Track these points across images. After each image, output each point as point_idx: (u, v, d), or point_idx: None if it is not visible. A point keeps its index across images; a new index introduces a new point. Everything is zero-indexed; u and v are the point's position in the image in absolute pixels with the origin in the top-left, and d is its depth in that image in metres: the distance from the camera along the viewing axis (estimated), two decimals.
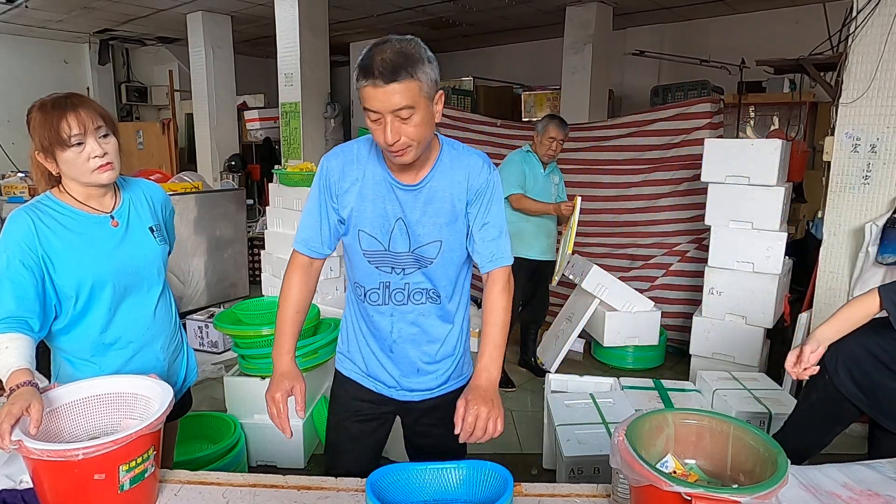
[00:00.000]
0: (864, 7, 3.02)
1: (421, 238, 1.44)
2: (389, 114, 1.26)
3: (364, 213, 1.44)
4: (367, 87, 1.25)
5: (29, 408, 1.16)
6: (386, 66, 1.22)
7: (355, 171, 1.44)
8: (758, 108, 6.27)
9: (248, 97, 8.82)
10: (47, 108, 1.44)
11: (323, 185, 1.46)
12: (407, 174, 1.42)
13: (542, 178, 3.66)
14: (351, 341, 1.63)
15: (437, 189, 1.43)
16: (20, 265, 1.40)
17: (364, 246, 1.47)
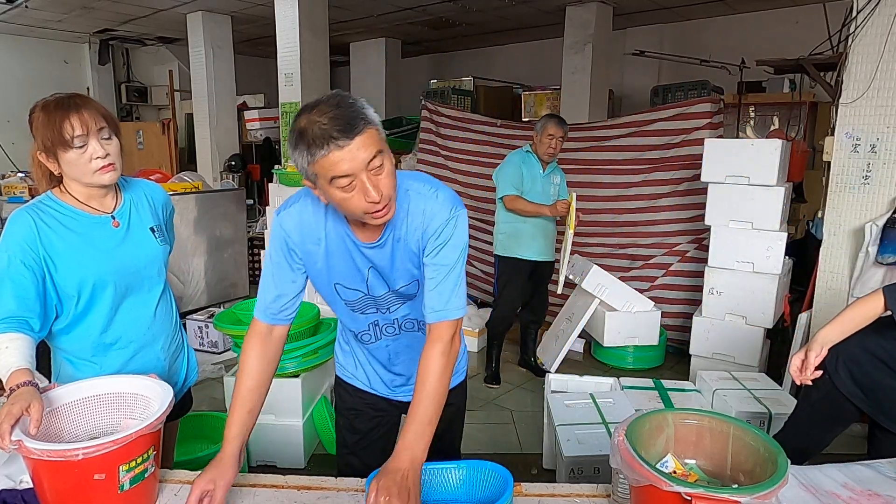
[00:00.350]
0: (864, 7, 3.02)
1: (397, 281, 1.39)
2: (363, 172, 1.15)
3: (336, 268, 1.37)
4: (330, 152, 1.12)
5: (29, 408, 1.16)
6: (340, 122, 1.12)
7: (315, 231, 1.34)
8: (758, 108, 6.27)
9: (248, 97, 8.82)
10: (50, 108, 1.44)
11: (282, 248, 1.36)
12: (366, 232, 1.32)
13: (542, 178, 3.66)
14: (348, 359, 1.63)
15: (399, 239, 1.33)
16: (21, 265, 1.41)
17: (345, 297, 1.43)
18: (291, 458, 2.87)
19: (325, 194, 1.21)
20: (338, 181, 1.15)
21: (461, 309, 1.34)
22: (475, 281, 5.47)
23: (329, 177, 1.15)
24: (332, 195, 1.19)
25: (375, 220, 1.23)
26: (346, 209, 1.22)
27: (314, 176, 1.18)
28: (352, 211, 1.21)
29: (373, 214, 1.21)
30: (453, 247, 1.32)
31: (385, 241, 1.33)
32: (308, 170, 1.18)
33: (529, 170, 3.63)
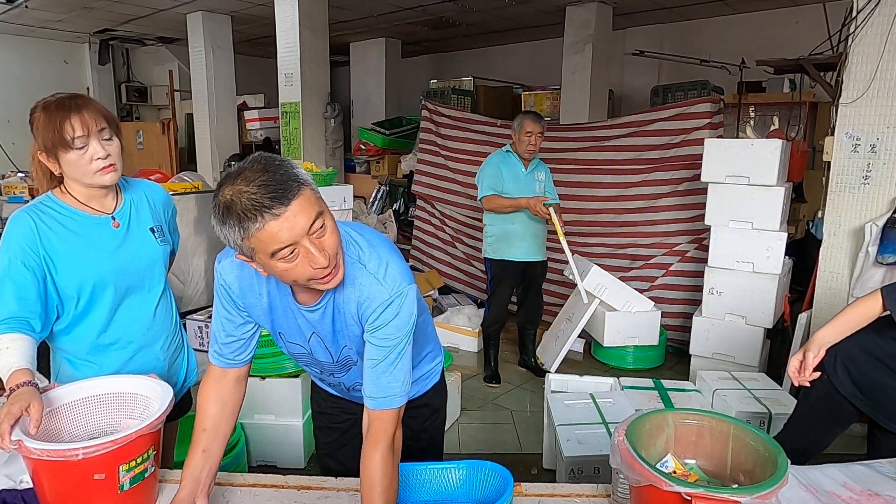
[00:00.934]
0: (864, 7, 3.02)
1: (339, 346, 1.33)
2: (305, 238, 1.06)
3: (278, 321, 1.32)
4: (266, 224, 1.01)
5: (29, 408, 1.16)
6: (271, 188, 1.01)
7: (255, 288, 1.28)
8: (758, 108, 6.27)
9: (248, 97, 8.82)
10: (51, 108, 1.44)
11: (225, 297, 1.31)
12: (305, 294, 1.24)
13: (524, 176, 3.64)
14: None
15: (340, 303, 1.25)
16: (21, 266, 1.41)
17: (288, 349, 1.38)
18: (291, 458, 2.87)
19: (265, 268, 1.11)
20: (279, 254, 1.05)
21: (403, 396, 1.24)
22: (475, 281, 5.47)
23: (269, 251, 1.04)
24: (273, 269, 1.09)
25: (323, 284, 1.14)
26: (291, 279, 1.11)
27: (251, 251, 1.07)
28: (296, 279, 1.11)
29: (320, 280, 1.12)
30: (396, 327, 1.21)
31: (324, 304, 1.24)
32: (243, 245, 1.06)
33: (510, 169, 3.61)
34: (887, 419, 1.81)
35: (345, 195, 4.45)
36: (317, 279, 1.11)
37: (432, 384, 1.63)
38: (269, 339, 2.74)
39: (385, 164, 7.22)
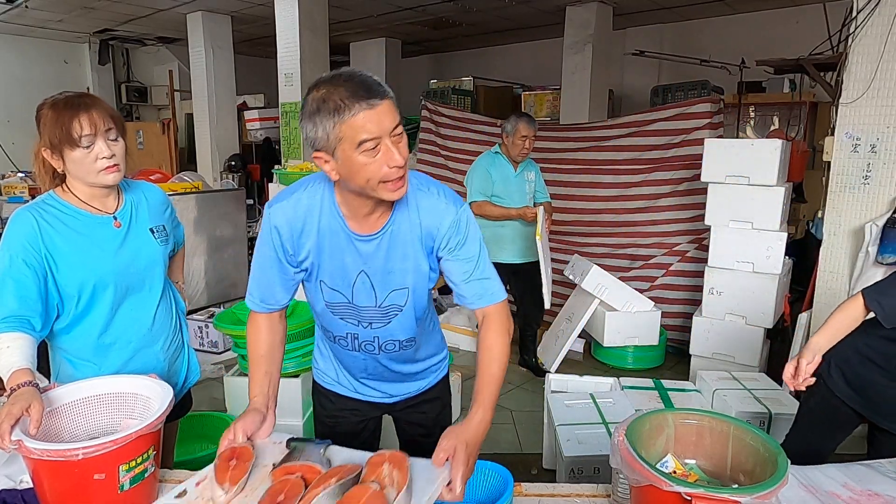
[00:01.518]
0: (864, 7, 3.02)
1: (386, 288, 1.35)
2: (388, 137, 1.15)
3: (324, 265, 1.34)
4: (359, 112, 1.11)
5: (29, 408, 1.17)
6: (366, 85, 1.12)
7: (307, 224, 1.31)
8: (758, 108, 6.28)
9: (248, 97, 8.82)
10: (60, 106, 1.45)
11: (272, 241, 1.33)
12: (365, 223, 1.29)
13: (514, 178, 3.63)
14: (328, 365, 1.60)
15: (400, 233, 1.30)
16: (23, 264, 1.41)
17: (327, 298, 1.39)
18: None
19: (342, 164, 1.17)
20: (364, 145, 1.13)
21: (503, 290, 1.37)
22: None
23: (357, 140, 1.13)
24: (353, 162, 1.15)
25: (392, 190, 1.19)
26: (365, 177, 1.17)
27: (336, 142, 1.14)
28: (369, 179, 1.17)
29: (392, 183, 1.18)
30: (473, 239, 1.33)
31: (382, 234, 1.30)
32: (331, 135, 1.14)
33: (500, 171, 3.60)
34: (882, 418, 1.81)
35: None
36: (389, 181, 1.17)
37: (442, 376, 1.65)
38: None
39: None
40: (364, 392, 1.58)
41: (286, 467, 1.18)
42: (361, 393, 1.58)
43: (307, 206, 1.31)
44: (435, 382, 1.63)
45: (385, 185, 1.18)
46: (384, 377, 1.54)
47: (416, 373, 1.57)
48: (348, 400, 1.60)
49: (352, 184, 1.21)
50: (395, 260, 1.32)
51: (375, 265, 1.32)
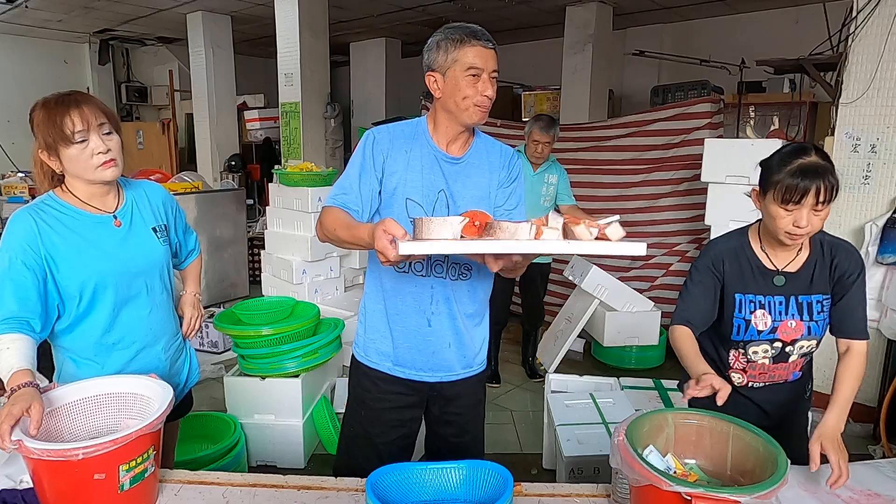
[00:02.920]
0: (864, 7, 3.02)
1: (459, 210, 1.52)
2: (487, 73, 1.47)
3: (412, 181, 1.53)
4: (477, 46, 1.46)
5: (29, 409, 1.17)
6: (488, 35, 1.48)
7: (404, 143, 1.55)
8: (758, 108, 6.28)
9: (248, 97, 8.83)
10: (50, 105, 1.45)
11: (368, 154, 1.54)
12: (453, 146, 1.57)
13: (532, 178, 3.63)
14: (378, 328, 1.64)
15: (476, 164, 1.58)
16: (22, 265, 1.41)
17: (411, 214, 1.52)
18: (291, 458, 2.87)
19: (449, 82, 1.48)
20: (470, 70, 1.46)
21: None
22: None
23: (467, 64, 1.46)
24: (458, 82, 1.47)
25: (477, 113, 1.50)
26: (462, 97, 1.48)
27: (452, 63, 1.47)
28: (466, 97, 1.47)
29: (479, 107, 1.49)
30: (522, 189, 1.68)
31: (466, 159, 1.58)
32: (449, 57, 1.47)
33: None
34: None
35: None
36: (477, 105, 1.49)
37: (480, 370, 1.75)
38: (270, 341, 2.75)
39: None
40: (405, 365, 1.61)
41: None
42: (402, 367, 1.61)
43: (404, 129, 1.58)
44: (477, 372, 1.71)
45: (476, 109, 1.49)
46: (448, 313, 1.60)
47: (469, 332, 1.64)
48: (391, 380, 1.62)
49: (450, 102, 1.50)
50: (470, 186, 1.57)
51: (455, 186, 1.56)
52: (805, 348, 1.61)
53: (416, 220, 1.19)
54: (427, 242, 1.11)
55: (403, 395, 1.64)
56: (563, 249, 1.15)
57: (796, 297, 1.58)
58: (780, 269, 1.59)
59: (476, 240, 1.14)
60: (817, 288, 1.59)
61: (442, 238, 1.13)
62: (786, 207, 1.44)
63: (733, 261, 1.60)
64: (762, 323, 1.57)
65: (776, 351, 1.60)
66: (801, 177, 1.41)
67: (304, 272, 4.31)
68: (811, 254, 1.62)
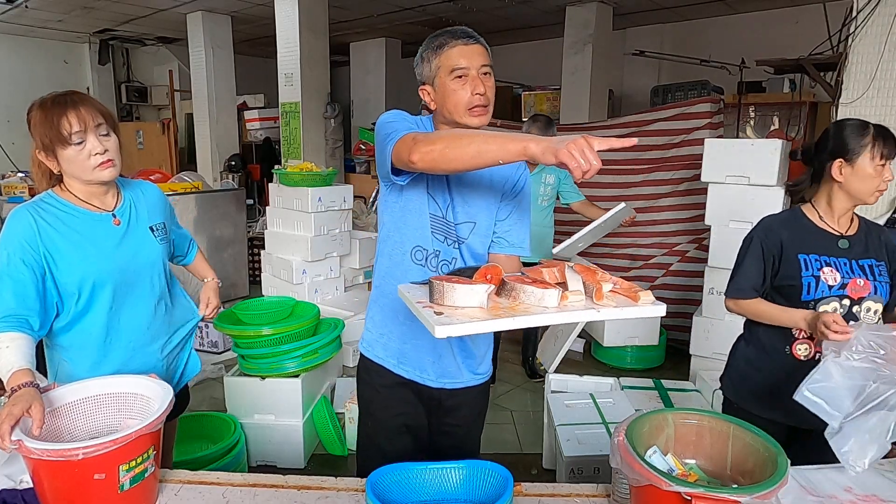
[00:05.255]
0: (864, 7, 3.02)
1: (458, 216, 1.52)
2: (476, 71, 1.41)
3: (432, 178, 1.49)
4: (457, 45, 1.41)
5: (30, 409, 1.17)
6: (468, 31, 1.43)
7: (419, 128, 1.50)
8: (758, 108, 6.27)
9: (248, 97, 8.83)
10: (48, 105, 1.44)
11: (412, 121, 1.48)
12: None
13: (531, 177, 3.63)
14: (386, 324, 1.61)
15: (482, 172, 1.49)
16: (21, 263, 1.41)
17: (431, 209, 1.51)
18: (291, 458, 2.87)
19: (439, 91, 1.44)
20: (455, 72, 1.40)
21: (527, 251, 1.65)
22: None
23: (450, 68, 1.41)
24: (446, 88, 1.42)
25: (475, 116, 1.43)
26: (454, 103, 1.42)
27: (436, 70, 1.43)
28: (457, 104, 1.42)
29: (474, 110, 1.42)
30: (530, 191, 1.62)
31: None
32: (432, 65, 1.43)
33: None
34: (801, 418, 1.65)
35: (345, 195, 4.46)
36: (472, 107, 1.42)
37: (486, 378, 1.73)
38: (270, 341, 2.75)
39: None
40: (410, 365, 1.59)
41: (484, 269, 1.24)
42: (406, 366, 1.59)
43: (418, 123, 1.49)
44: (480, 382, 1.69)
45: (471, 112, 1.42)
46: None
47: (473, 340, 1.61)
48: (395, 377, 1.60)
49: (444, 110, 1.45)
50: (475, 196, 1.53)
51: (459, 195, 1.51)
52: (871, 311, 1.67)
53: (434, 283, 1.15)
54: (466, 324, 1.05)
55: (406, 401, 1.62)
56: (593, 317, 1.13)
57: (857, 260, 1.69)
58: (843, 234, 1.72)
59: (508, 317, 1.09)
60: (872, 254, 1.71)
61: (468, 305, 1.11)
62: (881, 164, 1.61)
63: (792, 228, 1.74)
64: (832, 278, 1.65)
65: (844, 310, 1.65)
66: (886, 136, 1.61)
67: (304, 272, 4.31)
68: (860, 225, 1.75)
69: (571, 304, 1.13)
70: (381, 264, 1.62)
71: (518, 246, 1.60)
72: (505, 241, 1.59)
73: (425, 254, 1.53)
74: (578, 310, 1.13)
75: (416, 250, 1.53)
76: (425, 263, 1.53)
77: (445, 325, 1.04)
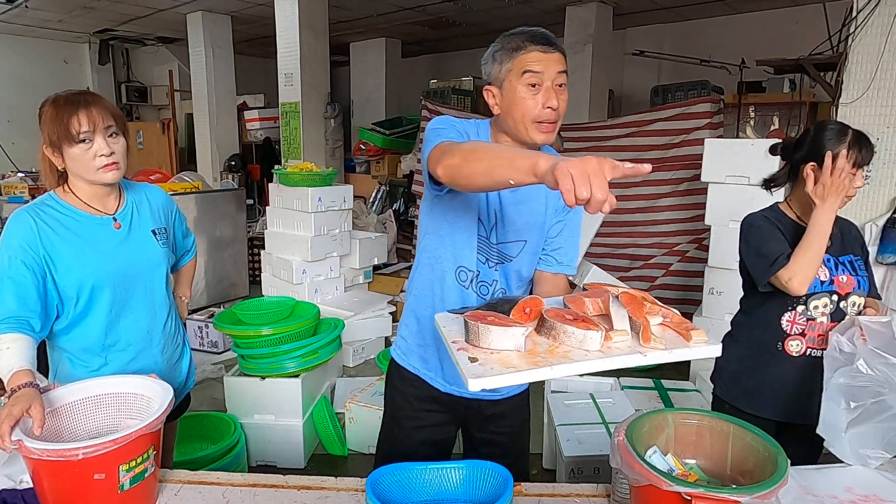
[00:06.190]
0: (863, 7, 3.02)
1: (507, 235, 1.44)
2: (551, 81, 1.30)
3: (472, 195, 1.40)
4: (534, 51, 1.29)
5: (30, 409, 1.17)
6: (548, 36, 1.31)
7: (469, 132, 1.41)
8: (758, 108, 6.27)
9: (248, 97, 8.82)
10: (60, 103, 1.45)
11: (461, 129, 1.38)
12: None
13: None
14: (424, 336, 1.54)
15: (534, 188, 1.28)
16: (21, 265, 1.41)
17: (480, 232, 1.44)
18: (291, 458, 2.87)
19: (506, 95, 1.32)
20: (527, 76, 1.29)
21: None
22: None
23: (522, 69, 1.29)
24: (515, 94, 1.31)
25: (542, 132, 1.32)
26: (521, 112, 1.31)
27: (506, 73, 1.31)
28: (524, 114, 1.31)
29: (544, 125, 1.32)
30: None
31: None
32: (503, 67, 1.32)
33: None
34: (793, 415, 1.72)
35: (345, 195, 4.46)
36: (539, 122, 1.32)
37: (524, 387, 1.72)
38: (270, 341, 2.75)
39: (385, 164, 7.22)
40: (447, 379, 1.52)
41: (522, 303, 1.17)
42: (443, 380, 1.53)
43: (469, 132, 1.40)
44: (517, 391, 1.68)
45: (537, 126, 1.32)
46: None
47: None
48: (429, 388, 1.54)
49: (508, 118, 1.34)
50: (524, 212, 1.43)
51: (508, 211, 1.42)
52: (856, 305, 1.70)
53: (469, 323, 1.08)
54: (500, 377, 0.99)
55: (437, 412, 1.57)
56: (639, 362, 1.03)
57: (838, 257, 1.72)
58: None
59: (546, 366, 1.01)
60: (850, 250, 1.76)
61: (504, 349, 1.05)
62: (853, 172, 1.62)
63: (779, 224, 1.74)
64: (822, 274, 1.66)
65: (833, 306, 1.68)
66: (862, 144, 1.64)
67: (304, 272, 4.31)
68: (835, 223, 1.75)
69: (615, 347, 1.04)
70: (421, 275, 1.52)
71: (567, 265, 1.54)
72: (553, 260, 1.52)
73: (470, 275, 1.46)
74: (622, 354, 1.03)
75: (460, 270, 1.46)
76: (469, 285, 1.46)
77: (479, 377, 0.99)
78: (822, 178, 1.62)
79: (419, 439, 1.59)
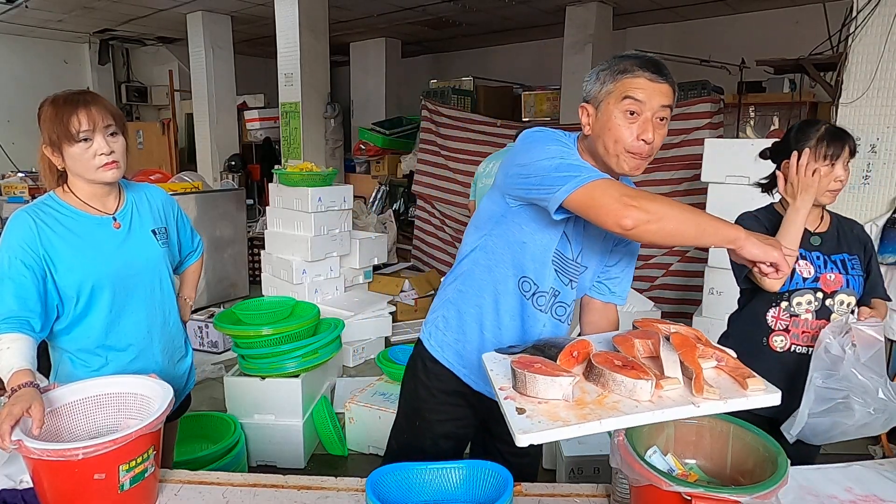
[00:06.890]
0: (863, 7, 3.02)
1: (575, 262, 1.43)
2: (651, 112, 1.25)
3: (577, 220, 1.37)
4: (641, 76, 1.24)
5: (30, 409, 1.17)
6: (661, 66, 1.25)
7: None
8: (758, 108, 6.27)
9: (248, 97, 8.82)
10: (59, 102, 1.45)
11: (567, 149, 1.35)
12: None
13: None
14: (464, 332, 1.51)
15: None
16: (21, 265, 1.41)
17: (560, 247, 1.40)
18: (291, 458, 2.87)
19: (601, 118, 1.28)
20: (627, 101, 1.24)
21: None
22: None
23: (622, 95, 1.24)
24: (610, 118, 1.26)
25: (632, 165, 1.29)
26: (613, 138, 1.27)
27: (606, 94, 1.27)
28: (616, 141, 1.27)
29: (632, 155, 1.28)
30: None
31: None
32: (605, 87, 1.27)
33: None
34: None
35: (345, 195, 4.46)
36: (631, 153, 1.28)
37: None
38: (270, 341, 2.75)
39: (385, 164, 7.23)
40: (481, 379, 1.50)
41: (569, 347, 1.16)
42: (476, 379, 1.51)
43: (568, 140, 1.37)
44: None
45: (628, 156, 1.28)
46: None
47: None
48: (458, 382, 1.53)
49: (599, 143, 1.30)
50: (591, 238, 1.41)
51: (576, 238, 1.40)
52: (844, 304, 1.69)
53: (517, 371, 1.07)
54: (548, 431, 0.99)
55: (461, 407, 1.57)
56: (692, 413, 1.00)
57: (830, 255, 1.72)
58: (813, 231, 1.74)
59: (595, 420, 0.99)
60: (845, 248, 1.75)
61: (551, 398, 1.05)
62: (827, 164, 1.61)
63: (768, 223, 1.73)
64: (806, 270, 1.68)
65: (818, 303, 1.68)
66: (834, 136, 1.61)
67: (304, 272, 4.31)
68: (832, 221, 1.78)
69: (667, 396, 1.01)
70: (475, 273, 1.48)
71: (619, 296, 1.54)
72: (607, 289, 1.52)
73: (533, 288, 1.43)
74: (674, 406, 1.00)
75: (523, 281, 1.43)
76: (530, 297, 1.44)
77: (527, 431, 0.98)
78: (790, 177, 1.65)
79: (441, 432, 1.58)
